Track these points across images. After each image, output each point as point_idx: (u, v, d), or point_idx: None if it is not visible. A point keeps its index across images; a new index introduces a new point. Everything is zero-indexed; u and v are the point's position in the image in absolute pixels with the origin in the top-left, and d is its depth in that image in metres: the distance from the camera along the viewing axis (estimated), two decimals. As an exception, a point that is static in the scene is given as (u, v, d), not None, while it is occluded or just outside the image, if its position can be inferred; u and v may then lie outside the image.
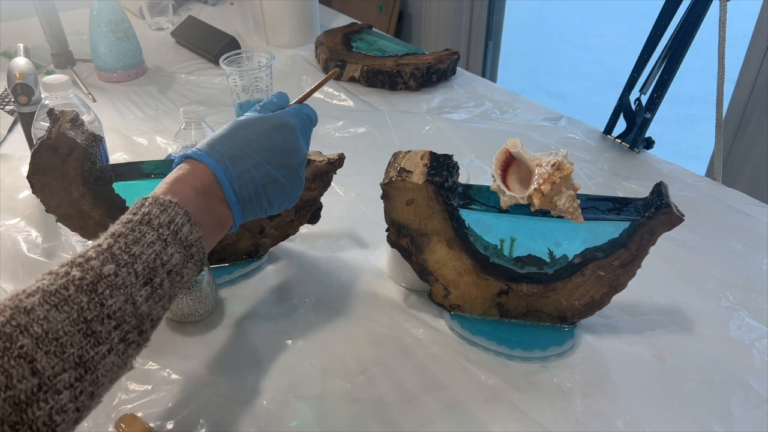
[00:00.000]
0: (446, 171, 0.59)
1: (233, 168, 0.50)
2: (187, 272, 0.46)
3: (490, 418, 0.57)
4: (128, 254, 0.41)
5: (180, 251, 0.44)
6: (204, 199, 0.48)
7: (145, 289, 0.41)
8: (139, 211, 0.44)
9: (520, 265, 0.62)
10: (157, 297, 0.42)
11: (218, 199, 0.49)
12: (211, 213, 0.49)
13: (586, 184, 0.91)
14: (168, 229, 0.44)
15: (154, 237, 0.43)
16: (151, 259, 0.42)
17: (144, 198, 0.45)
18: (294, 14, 1.37)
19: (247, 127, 0.53)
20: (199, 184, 0.48)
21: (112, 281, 0.39)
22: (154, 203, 0.45)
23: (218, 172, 0.49)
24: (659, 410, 0.58)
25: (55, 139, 0.62)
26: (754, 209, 0.86)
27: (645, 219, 0.56)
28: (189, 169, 0.49)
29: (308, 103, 0.59)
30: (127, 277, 0.40)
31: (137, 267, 0.41)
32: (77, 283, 0.38)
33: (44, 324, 0.36)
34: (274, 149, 0.53)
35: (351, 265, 0.75)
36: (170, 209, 0.45)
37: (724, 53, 0.88)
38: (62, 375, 0.36)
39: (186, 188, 0.47)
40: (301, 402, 0.58)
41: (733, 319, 0.68)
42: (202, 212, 0.47)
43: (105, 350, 0.38)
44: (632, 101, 0.98)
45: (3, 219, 0.82)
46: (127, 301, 0.40)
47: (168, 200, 0.45)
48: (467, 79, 1.24)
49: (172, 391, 0.59)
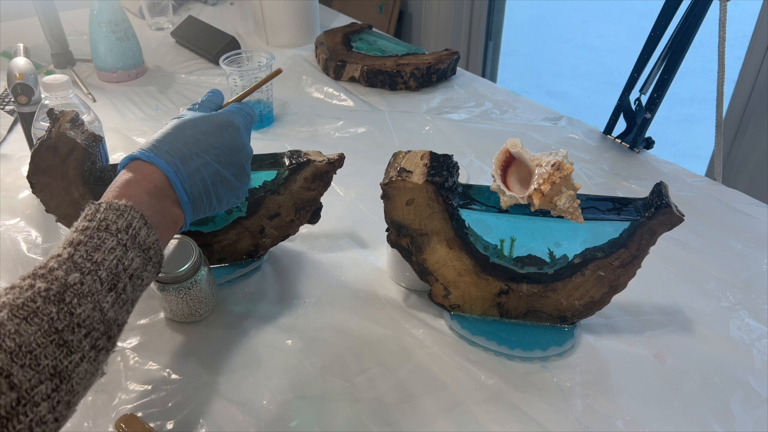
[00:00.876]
0: (446, 171, 0.59)
1: (183, 168, 0.50)
2: (146, 275, 0.46)
3: (490, 418, 0.57)
4: (91, 262, 0.41)
5: (139, 255, 0.44)
6: (157, 201, 0.48)
7: (110, 295, 0.41)
8: (95, 218, 0.44)
9: (520, 265, 0.62)
10: (122, 302, 0.43)
11: (170, 200, 0.50)
12: (164, 214, 0.49)
13: (586, 184, 0.91)
14: (126, 234, 0.44)
15: (114, 243, 0.43)
16: (113, 265, 0.42)
17: (96, 203, 0.45)
18: (294, 14, 1.37)
19: (193, 126, 0.53)
20: (152, 186, 0.48)
21: (78, 290, 0.39)
22: (110, 208, 0.44)
23: (169, 173, 0.49)
24: (659, 410, 0.58)
25: (55, 139, 0.62)
26: (754, 209, 0.86)
27: (645, 219, 0.56)
28: (139, 171, 0.49)
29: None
30: (92, 285, 0.40)
31: (101, 274, 0.41)
32: (44, 294, 0.38)
33: (16, 338, 0.36)
34: (222, 147, 0.53)
35: (351, 265, 0.75)
36: (126, 213, 0.45)
37: (724, 53, 0.88)
38: (39, 387, 0.36)
39: (138, 191, 0.48)
40: (301, 402, 0.58)
41: (733, 319, 0.68)
42: (156, 214, 0.48)
43: (78, 359, 0.38)
44: (632, 101, 0.98)
45: (3, 219, 0.82)
46: (95, 309, 0.40)
47: (123, 204, 0.45)
48: (467, 79, 1.24)
49: (172, 391, 0.59)
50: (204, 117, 0.55)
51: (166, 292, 0.62)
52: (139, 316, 0.67)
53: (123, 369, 0.61)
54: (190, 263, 0.61)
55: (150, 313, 0.67)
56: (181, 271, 0.61)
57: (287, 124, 1.08)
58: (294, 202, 0.69)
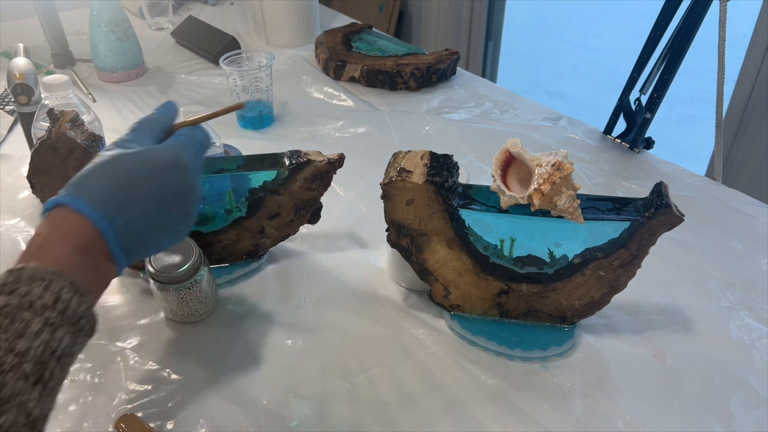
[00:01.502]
0: (446, 171, 0.59)
1: (117, 218, 0.43)
2: (77, 348, 0.40)
3: (490, 418, 0.57)
4: (13, 354, 0.35)
5: (70, 330, 0.38)
6: (86, 259, 0.41)
7: (36, 389, 0.35)
8: (15, 291, 0.37)
9: (520, 265, 0.62)
10: (48, 390, 0.36)
11: (102, 255, 0.43)
12: (95, 271, 0.42)
13: (586, 184, 0.91)
14: (54, 310, 0.37)
15: (39, 324, 0.36)
16: (39, 352, 0.36)
17: (17, 269, 0.38)
18: (294, 14, 1.37)
19: (131, 167, 0.45)
20: (80, 243, 0.41)
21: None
22: (34, 279, 0.38)
23: (102, 226, 0.42)
24: (659, 410, 0.58)
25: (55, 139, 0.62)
26: (754, 209, 0.86)
27: (645, 219, 0.56)
28: (65, 222, 0.42)
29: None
30: (15, 385, 0.34)
31: (25, 368, 0.35)
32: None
33: None
34: (165, 193, 0.46)
35: (351, 265, 0.75)
36: (54, 284, 0.38)
37: (724, 53, 0.88)
38: None
39: (65, 250, 0.40)
40: (301, 402, 0.58)
41: (733, 319, 0.68)
42: (86, 273, 0.41)
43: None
44: (632, 101, 0.98)
45: (3, 219, 0.82)
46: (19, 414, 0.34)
47: (50, 272, 0.38)
48: (467, 79, 1.24)
49: (172, 391, 0.59)
50: (146, 154, 0.46)
51: (166, 292, 0.62)
52: (139, 316, 0.67)
53: (123, 369, 0.61)
54: (190, 263, 0.61)
55: (150, 313, 0.67)
56: (181, 271, 0.61)
57: (287, 124, 1.08)
58: (294, 202, 0.69)
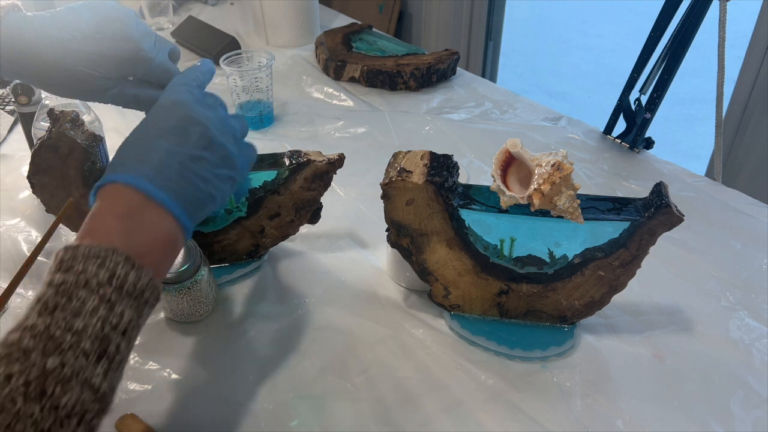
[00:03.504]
0: (446, 171, 0.59)
1: (156, 175, 0.43)
2: (144, 320, 0.41)
3: (490, 418, 0.57)
4: (71, 332, 0.35)
5: (131, 304, 0.38)
6: (139, 227, 0.41)
7: (100, 366, 0.36)
8: (71, 268, 0.38)
9: (520, 265, 0.62)
10: (116, 365, 0.37)
11: (158, 215, 0.42)
12: (153, 239, 0.42)
13: (586, 184, 0.91)
14: (110, 287, 0.37)
15: (96, 302, 0.37)
16: (98, 329, 0.36)
17: (74, 247, 0.39)
18: (294, 14, 1.37)
19: (142, 128, 0.46)
20: (132, 209, 0.41)
21: (59, 375, 0.34)
22: (89, 257, 0.38)
23: (146, 187, 0.42)
24: (659, 410, 0.58)
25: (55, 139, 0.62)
26: (754, 209, 0.86)
27: (645, 219, 0.56)
28: (111, 195, 0.42)
29: None
30: (75, 363, 0.35)
31: (84, 345, 0.35)
32: (22, 390, 0.33)
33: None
34: (177, 130, 0.45)
35: (351, 265, 0.75)
36: (108, 261, 0.38)
37: (724, 53, 0.88)
38: None
39: (117, 223, 0.41)
40: (301, 402, 0.58)
41: (733, 319, 0.68)
42: (142, 244, 0.41)
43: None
44: (632, 101, 0.98)
45: (3, 219, 0.82)
46: (84, 390, 0.35)
47: (103, 250, 0.38)
48: (467, 79, 1.24)
49: (172, 391, 0.59)
50: (154, 108, 0.47)
51: (166, 292, 0.62)
52: (139, 316, 0.67)
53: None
54: (190, 263, 0.61)
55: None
56: (181, 271, 0.61)
57: (287, 124, 1.08)
58: (294, 202, 0.69)
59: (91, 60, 0.50)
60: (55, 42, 0.50)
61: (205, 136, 0.46)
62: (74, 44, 0.50)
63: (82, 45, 0.50)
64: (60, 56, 0.50)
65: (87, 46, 0.50)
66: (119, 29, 0.51)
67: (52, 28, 0.50)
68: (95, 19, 0.51)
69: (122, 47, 0.51)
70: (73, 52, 0.50)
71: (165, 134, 0.45)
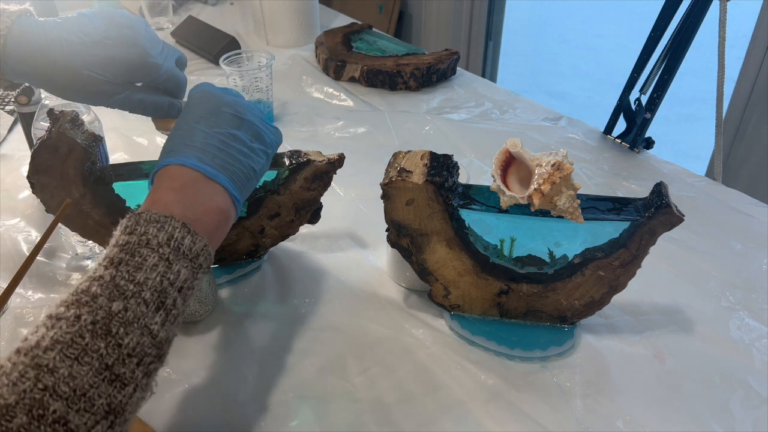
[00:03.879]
0: (446, 171, 0.59)
1: (201, 152, 0.49)
2: (197, 283, 0.45)
3: (490, 418, 0.57)
4: (133, 283, 0.40)
5: (186, 265, 0.43)
6: (193, 199, 0.46)
7: (158, 315, 0.40)
8: (135, 231, 0.43)
9: (520, 265, 0.62)
10: (172, 318, 0.42)
11: (209, 190, 0.48)
12: (206, 210, 0.47)
13: (586, 184, 0.91)
14: (169, 247, 0.42)
15: (155, 259, 0.41)
16: (157, 282, 0.41)
17: (137, 214, 0.44)
18: (294, 14, 1.37)
19: (181, 119, 0.52)
20: (185, 182, 0.47)
21: (123, 317, 0.38)
22: (150, 221, 0.43)
23: (193, 163, 0.48)
24: (659, 410, 0.58)
25: (55, 139, 0.62)
26: (754, 209, 0.86)
27: (645, 219, 0.56)
28: (168, 175, 0.48)
29: None
30: (137, 309, 0.39)
31: (145, 295, 0.40)
32: (90, 328, 0.37)
33: (70, 382, 0.35)
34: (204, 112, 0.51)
35: (351, 265, 0.75)
36: (167, 225, 0.43)
37: (724, 53, 0.88)
38: (96, 427, 0.36)
39: (174, 195, 0.46)
40: (301, 402, 0.58)
41: (733, 319, 0.68)
42: (197, 215, 0.46)
43: (131, 390, 0.38)
44: (632, 101, 0.98)
45: (3, 219, 0.82)
46: (143, 334, 0.39)
47: (163, 216, 0.43)
48: (467, 79, 1.24)
49: (172, 391, 0.59)
50: (188, 101, 0.54)
51: (166, 292, 0.62)
52: (139, 316, 0.67)
53: (123, 369, 0.61)
54: (190, 263, 0.61)
55: (150, 313, 0.67)
56: (181, 271, 0.61)
57: (287, 124, 1.08)
58: (294, 202, 0.69)
59: (100, 64, 0.52)
60: (64, 45, 0.51)
61: (237, 117, 0.52)
62: (83, 48, 0.52)
63: (91, 49, 0.52)
64: (69, 59, 0.51)
65: (96, 51, 0.52)
66: (128, 35, 0.53)
67: (62, 31, 0.52)
68: (106, 25, 0.53)
69: (131, 53, 0.53)
70: (82, 55, 0.52)
71: (202, 120, 0.51)
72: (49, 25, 0.52)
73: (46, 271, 0.74)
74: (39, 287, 0.71)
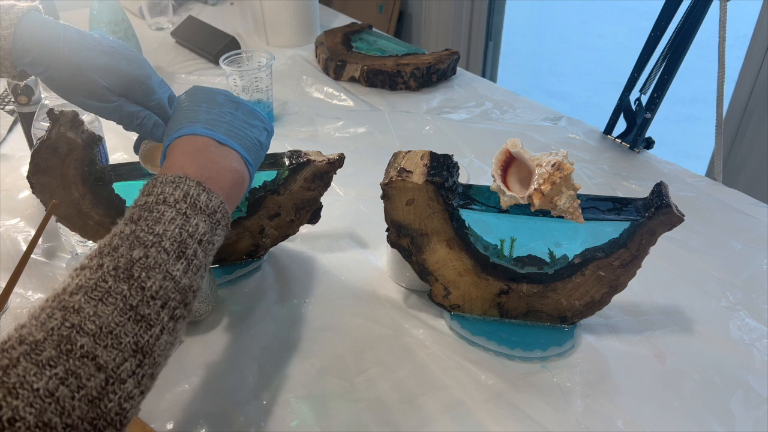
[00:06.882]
0: (446, 171, 0.59)
1: (210, 123, 0.53)
2: (217, 239, 0.47)
3: (490, 418, 0.57)
4: (153, 234, 0.42)
5: (204, 220, 0.45)
6: (205, 162, 0.49)
7: (180, 263, 0.42)
8: (152, 192, 0.45)
9: (520, 265, 0.62)
10: (195, 268, 0.43)
11: (216, 148, 0.51)
12: (219, 170, 0.50)
13: (586, 184, 0.91)
14: (185, 203, 0.45)
15: (173, 213, 0.44)
16: (176, 233, 0.43)
17: (153, 178, 0.47)
18: (294, 14, 1.37)
19: (178, 110, 0.56)
20: (197, 145, 0.50)
21: (144, 263, 0.40)
22: (166, 182, 0.46)
23: (203, 131, 0.52)
24: (659, 410, 0.58)
25: (55, 139, 0.62)
26: (754, 209, 0.85)
27: (645, 219, 0.56)
28: (181, 144, 0.51)
29: None
30: (157, 256, 0.41)
31: (165, 244, 0.42)
32: (112, 273, 0.39)
33: (96, 320, 0.37)
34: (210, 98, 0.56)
35: (351, 265, 0.75)
36: (182, 184, 0.46)
37: (724, 53, 0.88)
38: (124, 365, 0.37)
39: (188, 158, 0.49)
40: (301, 402, 0.58)
41: (733, 319, 0.68)
42: (212, 174, 0.49)
43: (158, 331, 0.39)
44: (632, 101, 0.98)
45: (3, 219, 0.82)
46: (166, 278, 0.41)
47: (177, 176, 0.46)
48: (467, 79, 1.24)
49: (172, 391, 0.59)
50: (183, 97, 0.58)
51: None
52: (139, 316, 0.67)
53: (123, 369, 0.61)
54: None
55: (150, 313, 0.67)
56: (181, 271, 0.61)
57: (287, 124, 1.08)
58: (294, 202, 0.69)
59: (104, 70, 0.55)
60: (73, 43, 0.54)
61: (231, 100, 0.56)
62: (92, 52, 0.54)
63: (99, 55, 0.54)
64: (76, 55, 0.54)
65: (103, 58, 0.55)
66: (135, 56, 0.57)
67: (75, 33, 0.55)
68: (116, 44, 0.56)
69: (134, 69, 0.56)
70: (90, 58, 0.54)
71: (202, 104, 0.55)
72: (61, 25, 0.55)
73: (46, 271, 0.74)
74: (39, 287, 0.71)
